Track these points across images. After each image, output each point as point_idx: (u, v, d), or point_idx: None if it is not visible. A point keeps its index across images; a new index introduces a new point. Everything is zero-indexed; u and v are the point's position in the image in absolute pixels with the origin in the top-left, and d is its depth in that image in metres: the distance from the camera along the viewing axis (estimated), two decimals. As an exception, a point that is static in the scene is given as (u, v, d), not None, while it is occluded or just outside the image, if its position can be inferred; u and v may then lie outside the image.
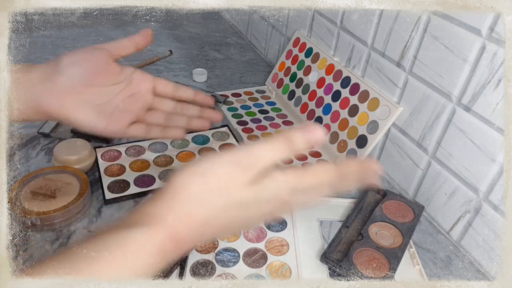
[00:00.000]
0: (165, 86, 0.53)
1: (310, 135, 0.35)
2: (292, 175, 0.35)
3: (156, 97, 0.53)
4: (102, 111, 0.48)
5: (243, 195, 0.34)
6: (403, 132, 0.66)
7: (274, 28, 1.03)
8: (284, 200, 0.36)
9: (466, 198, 0.57)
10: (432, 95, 0.59)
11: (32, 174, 0.61)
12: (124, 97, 0.50)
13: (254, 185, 0.34)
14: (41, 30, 1.09)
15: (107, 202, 0.61)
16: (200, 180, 0.34)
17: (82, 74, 0.47)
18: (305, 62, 0.86)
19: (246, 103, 0.90)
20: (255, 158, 0.34)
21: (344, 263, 0.53)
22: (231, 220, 0.35)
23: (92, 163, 0.67)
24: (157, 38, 1.16)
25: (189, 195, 0.34)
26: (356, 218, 0.61)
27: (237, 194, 0.34)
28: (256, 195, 0.34)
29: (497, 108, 0.50)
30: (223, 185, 0.34)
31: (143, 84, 0.52)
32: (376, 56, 0.69)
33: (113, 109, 0.49)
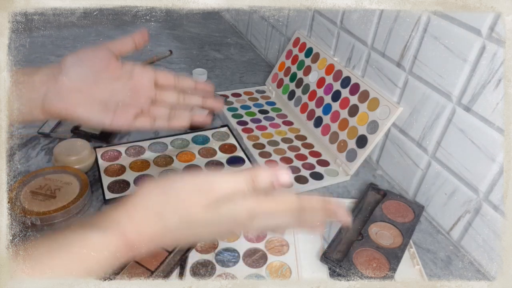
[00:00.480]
0: (166, 77, 0.54)
1: (275, 177, 0.37)
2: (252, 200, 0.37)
3: (159, 89, 0.54)
4: (106, 107, 0.50)
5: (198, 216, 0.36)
6: (403, 132, 0.66)
7: (274, 28, 1.03)
8: (243, 223, 0.37)
9: (466, 198, 0.57)
10: (432, 95, 0.59)
11: (32, 174, 0.61)
12: (127, 91, 0.51)
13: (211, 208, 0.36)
14: (41, 30, 1.09)
15: (107, 202, 0.61)
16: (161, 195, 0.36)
17: (85, 73, 0.48)
18: (305, 62, 0.86)
19: (246, 103, 0.90)
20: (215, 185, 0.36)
21: (344, 263, 0.53)
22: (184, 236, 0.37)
23: (92, 163, 0.67)
24: (157, 38, 1.16)
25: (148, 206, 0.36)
26: (356, 218, 0.61)
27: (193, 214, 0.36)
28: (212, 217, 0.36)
29: (497, 108, 0.50)
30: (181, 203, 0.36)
31: (144, 77, 0.53)
32: (376, 56, 0.69)
33: (117, 104, 0.50)
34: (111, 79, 0.50)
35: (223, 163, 0.71)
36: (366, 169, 0.73)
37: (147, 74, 0.53)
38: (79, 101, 0.48)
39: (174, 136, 0.76)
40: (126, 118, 0.51)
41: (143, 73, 0.53)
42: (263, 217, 0.38)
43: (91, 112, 0.49)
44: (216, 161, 0.71)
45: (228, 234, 0.40)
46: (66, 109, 0.48)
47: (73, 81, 0.47)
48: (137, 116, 0.53)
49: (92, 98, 0.49)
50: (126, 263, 0.50)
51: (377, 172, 0.73)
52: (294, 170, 0.71)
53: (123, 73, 0.51)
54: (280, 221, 0.39)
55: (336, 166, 0.73)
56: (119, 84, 0.51)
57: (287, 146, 0.78)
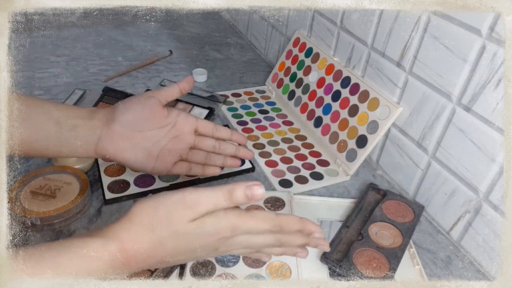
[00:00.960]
0: (206, 127, 0.59)
1: (249, 192, 0.40)
2: (232, 214, 0.41)
3: (197, 136, 0.59)
4: (150, 154, 0.55)
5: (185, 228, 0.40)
6: (403, 132, 0.66)
7: (274, 28, 1.03)
8: (225, 236, 0.41)
9: (466, 198, 0.57)
10: (432, 95, 0.59)
11: (32, 174, 0.61)
12: (170, 139, 0.56)
13: (196, 221, 0.40)
14: (41, 30, 1.08)
15: (107, 202, 0.61)
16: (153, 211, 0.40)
17: (134, 121, 0.53)
18: (305, 62, 0.86)
19: (246, 103, 0.90)
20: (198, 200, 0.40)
21: (344, 263, 0.53)
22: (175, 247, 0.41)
23: (92, 163, 0.67)
24: (157, 38, 1.16)
25: (142, 220, 0.40)
26: (356, 218, 0.61)
27: (179, 226, 0.40)
28: (197, 229, 0.40)
29: (497, 108, 0.50)
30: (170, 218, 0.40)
31: (186, 126, 0.57)
32: (376, 56, 0.69)
33: (160, 150, 0.55)
34: (156, 127, 0.54)
35: (223, 163, 0.71)
36: (366, 169, 0.73)
37: (190, 123, 0.57)
38: (126, 147, 0.53)
39: (174, 136, 0.76)
40: (166, 164, 0.56)
41: (186, 122, 0.57)
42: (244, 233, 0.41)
43: (136, 158, 0.54)
44: (216, 161, 0.71)
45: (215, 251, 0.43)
46: (115, 153, 0.53)
47: (123, 128, 0.52)
48: (176, 162, 0.58)
49: (138, 145, 0.54)
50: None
51: (377, 172, 0.73)
52: (294, 170, 0.71)
53: (168, 121, 0.55)
54: (261, 239, 0.43)
55: (336, 166, 0.73)
56: (163, 132, 0.55)
57: (287, 146, 0.78)
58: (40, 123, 0.50)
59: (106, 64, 1.00)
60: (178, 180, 0.66)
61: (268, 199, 0.64)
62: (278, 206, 0.63)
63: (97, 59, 1.02)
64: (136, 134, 0.53)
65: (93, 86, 0.90)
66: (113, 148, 0.53)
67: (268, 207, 0.62)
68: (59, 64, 0.98)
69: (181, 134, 0.57)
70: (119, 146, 0.53)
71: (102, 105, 0.82)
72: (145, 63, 1.00)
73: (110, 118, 0.52)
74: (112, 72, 0.96)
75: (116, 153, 0.53)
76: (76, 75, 0.94)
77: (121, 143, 0.53)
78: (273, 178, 0.69)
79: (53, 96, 0.86)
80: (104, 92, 0.85)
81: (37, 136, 0.50)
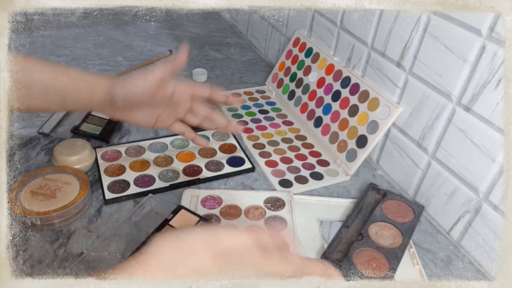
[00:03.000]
0: (203, 91, 0.62)
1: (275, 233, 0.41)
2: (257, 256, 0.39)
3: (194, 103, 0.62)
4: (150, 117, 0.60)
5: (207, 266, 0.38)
6: (403, 132, 0.66)
7: (274, 28, 1.03)
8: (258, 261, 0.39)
9: (466, 198, 0.57)
10: (432, 95, 0.59)
11: (32, 174, 0.61)
12: (168, 106, 0.60)
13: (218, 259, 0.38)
14: (41, 30, 1.09)
15: (107, 202, 0.61)
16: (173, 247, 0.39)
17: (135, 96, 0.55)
18: (305, 62, 0.86)
19: (246, 103, 0.90)
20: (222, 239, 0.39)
21: (344, 263, 0.53)
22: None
23: (92, 163, 0.67)
24: (157, 38, 1.16)
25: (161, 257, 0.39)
26: (356, 218, 0.61)
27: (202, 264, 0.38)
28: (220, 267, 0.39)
29: (497, 108, 0.50)
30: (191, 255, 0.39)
31: (183, 94, 0.60)
32: (376, 56, 0.69)
33: (160, 114, 0.60)
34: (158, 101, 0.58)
35: (223, 163, 0.71)
36: (366, 169, 0.73)
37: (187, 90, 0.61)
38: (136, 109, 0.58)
39: (174, 136, 0.76)
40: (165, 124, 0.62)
41: (183, 90, 0.60)
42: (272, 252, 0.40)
43: (137, 121, 0.60)
44: (216, 161, 0.71)
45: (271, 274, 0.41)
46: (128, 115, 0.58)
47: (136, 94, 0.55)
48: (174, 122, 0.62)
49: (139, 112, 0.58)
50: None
51: (377, 172, 0.73)
52: (294, 170, 0.71)
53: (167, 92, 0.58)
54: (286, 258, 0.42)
55: (336, 166, 0.73)
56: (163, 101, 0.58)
57: (287, 146, 0.78)
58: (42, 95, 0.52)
59: (106, 64, 1.00)
60: (178, 180, 0.66)
61: (268, 199, 0.64)
62: (278, 206, 0.63)
63: (97, 59, 1.02)
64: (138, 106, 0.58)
65: (93, 86, 0.89)
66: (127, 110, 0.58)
67: (268, 207, 0.62)
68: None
69: (179, 101, 0.61)
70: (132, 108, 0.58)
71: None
72: (145, 63, 1.00)
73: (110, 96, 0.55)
74: (112, 72, 0.96)
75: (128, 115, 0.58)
76: (76, 75, 0.94)
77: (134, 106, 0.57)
78: (273, 178, 0.69)
79: (53, 96, 0.85)
80: (104, 92, 0.85)
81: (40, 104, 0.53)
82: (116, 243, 0.55)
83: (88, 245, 0.55)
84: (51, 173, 0.61)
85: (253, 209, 0.62)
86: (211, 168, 0.70)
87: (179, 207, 0.59)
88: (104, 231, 0.57)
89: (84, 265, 0.51)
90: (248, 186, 0.68)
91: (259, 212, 0.61)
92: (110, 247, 0.54)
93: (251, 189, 0.67)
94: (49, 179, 0.61)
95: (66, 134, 0.74)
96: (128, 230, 0.57)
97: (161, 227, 0.56)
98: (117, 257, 0.53)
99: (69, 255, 0.53)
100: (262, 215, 0.61)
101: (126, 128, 0.79)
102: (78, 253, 0.53)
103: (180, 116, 0.63)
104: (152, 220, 0.58)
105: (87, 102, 0.56)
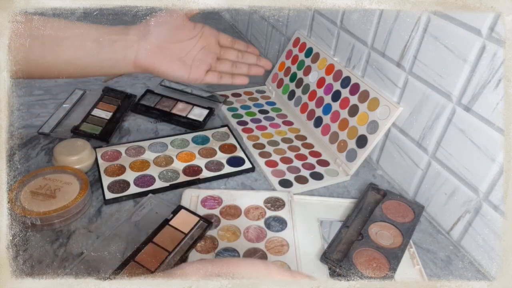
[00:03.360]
0: (226, 39, 0.64)
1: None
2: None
3: (222, 48, 0.64)
4: (184, 63, 0.59)
5: None
6: (403, 132, 0.66)
7: (274, 28, 1.03)
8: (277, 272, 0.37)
9: (466, 198, 0.57)
10: (432, 95, 0.59)
11: (32, 174, 0.61)
12: (199, 49, 0.60)
13: None
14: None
15: (107, 202, 0.61)
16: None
17: (167, 33, 0.57)
18: (305, 62, 0.86)
19: (246, 103, 0.90)
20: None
21: (344, 263, 0.53)
22: None
23: (92, 163, 0.67)
24: (157, 38, 1.16)
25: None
26: (356, 218, 0.61)
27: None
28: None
29: (497, 108, 0.50)
30: None
31: (211, 36, 0.62)
32: (376, 56, 0.69)
33: (192, 60, 0.60)
34: (187, 38, 0.59)
35: (223, 163, 0.71)
36: (366, 169, 0.73)
37: (213, 34, 0.62)
38: (163, 60, 0.57)
39: (174, 136, 0.76)
40: (199, 73, 0.61)
41: (210, 33, 0.62)
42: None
43: (173, 69, 0.59)
44: (216, 161, 0.71)
45: None
46: (153, 66, 0.57)
47: (158, 41, 0.56)
48: (207, 72, 0.62)
49: (173, 56, 0.58)
50: (127, 263, 0.50)
51: (377, 172, 0.73)
52: (294, 170, 0.71)
53: (196, 33, 0.60)
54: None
55: (336, 166, 0.73)
56: (193, 42, 0.60)
57: (287, 146, 0.78)
58: (79, 43, 0.53)
59: (106, 64, 1.00)
60: (178, 180, 0.66)
61: (268, 199, 0.64)
62: (278, 206, 0.63)
63: (97, 59, 1.02)
64: (170, 45, 0.58)
65: (93, 86, 0.90)
66: (151, 62, 0.57)
67: (268, 207, 0.62)
68: (59, 64, 0.98)
69: (208, 44, 0.61)
70: (156, 59, 0.57)
71: (102, 105, 0.82)
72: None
73: (146, 32, 0.56)
74: (112, 72, 0.96)
75: (154, 66, 0.57)
76: (76, 75, 0.94)
77: (158, 55, 0.57)
78: (273, 178, 0.69)
79: (53, 96, 0.86)
80: (104, 92, 0.85)
81: (79, 55, 0.53)
82: (116, 243, 0.55)
83: (88, 245, 0.55)
84: (51, 173, 0.61)
85: (253, 209, 0.62)
86: (211, 168, 0.70)
87: (179, 207, 0.59)
88: (104, 231, 0.57)
89: (84, 265, 0.51)
90: (248, 186, 0.68)
91: (259, 212, 0.61)
92: (110, 247, 0.54)
93: (251, 189, 0.67)
94: (49, 179, 0.61)
95: (66, 134, 0.74)
96: (128, 230, 0.57)
97: (161, 227, 0.56)
98: (117, 257, 0.53)
99: (69, 255, 0.53)
100: (262, 215, 0.61)
101: (126, 128, 0.79)
102: (78, 253, 0.53)
103: (213, 61, 0.62)
104: (152, 220, 0.58)
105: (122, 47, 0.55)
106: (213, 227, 0.58)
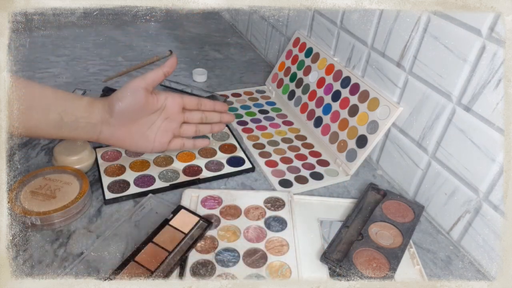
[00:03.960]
0: (191, 102, 0.65)
1: None
2: None
3: (186, 112, 0.65)
4: (148, 138, 0.62)
5: None
6: (403, 132, 0.66)
7: (274, 28, 1.03)
8: None
9: (466, 198, 0.57)
10: (432, 95, 0.59)
11: (32, 174, 0.61)
12: (163, 120, 0.62)
13: None
14: (41, 30, 1.09)
15: (107, 202, 0.61)
16: None
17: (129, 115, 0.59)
18: (305, 62, 0.86)
19: (246, 103, 0.90)
20: None
21: (344, 263, 0.53)
22: None
23: (92, 163, 0.67)
24: (157, 38, 1.16)
25: None
26: (356, 218, 0.61)
27: None
28: None
29: (497, 108, 0.50)
30: None
31: (175, 106, 0.63)
32: (376, 56, 0.69)
33: (155, 133, 0.62)
34: (149, 113, 0.60)
35: (223, 163, 0.71)
36: (366, 169, 0.73)
37: (177, 103, 0.63)
38: (126, 136, 0.60)
39: (174, 136, 0.76)
40: (163, 144, 0.63)
41: (173, 102, 0.62)
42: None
43: (137, 145, 0.62)
44: (216, 161, 0.71)
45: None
46: (116, 142, 0.60)
47: (120, 121, 0.58)
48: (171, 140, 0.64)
49: (136, 132, 0.60)
50: (127, 263, 0.50)
51: (377, 172, 0.73)
52: (294, 170, 0.71)
53: (159, 106, 0.61)
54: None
55: (336, 166, 0.73)
56: (155, 116, 0.61)
57: (287, 146, 0.78)
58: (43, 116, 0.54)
59: (106, 64, 1.00)
60: (178, 180, 0.66)
61: (268, 199, 0.64)
62: (278, 206, 0.63)
63: (97, 59, 1.02)
64: (134, 124, 0.60)
65: (93, 86, 0.90)
66: (114, 141, 0.60)
67: (268, 207, 0.62)
68: (59, 64, 0.98)
69: (172, 115, 0.63)
70: (119, 137, 0.59)
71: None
72: (145, 63, 1.00)
73: (108, 113, 0.57)
74: (112, 72, 0.96)
75: (118, 143, 0.60)
76: (76, 75, 0.94)
77: (120, 134, 0.59)
78: (273, 178, 0.69)
79: (53, 96, 0.85)
80: (104, 92, 0.85)
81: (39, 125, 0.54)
82: (116, 243, 0.55)
83: (88, 245, 0.55)
84: (51, 173, 0.61)
85: (253, 209, 0.62)
86: (211, 168, 0.70)
87: (179, 207, 0.59)
88: (104, 231, 0.57)
89: (84, 265, 0.51)
90: (248, 186, 0.68)
91: (259, 212, 0.61)
92: (110, 247, 0.54)
93: (251, 189, 0.67)
94: (49, 179, 0.61)
95: (66, 134, 0.74)
96: (128, 230, 0.57)
97: (161, 227, 0.56)
98: (117, 257, 0.53)
99: (69, 255, 0.53)
100: (262, 215, 0.61)
101: (126, 128, 0.79)
102: (78, 253, 0.53)
103: (176, 129, 0.64)
104: (152, 220, 0.58)
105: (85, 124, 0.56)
106: (213, 227, 0.58)
